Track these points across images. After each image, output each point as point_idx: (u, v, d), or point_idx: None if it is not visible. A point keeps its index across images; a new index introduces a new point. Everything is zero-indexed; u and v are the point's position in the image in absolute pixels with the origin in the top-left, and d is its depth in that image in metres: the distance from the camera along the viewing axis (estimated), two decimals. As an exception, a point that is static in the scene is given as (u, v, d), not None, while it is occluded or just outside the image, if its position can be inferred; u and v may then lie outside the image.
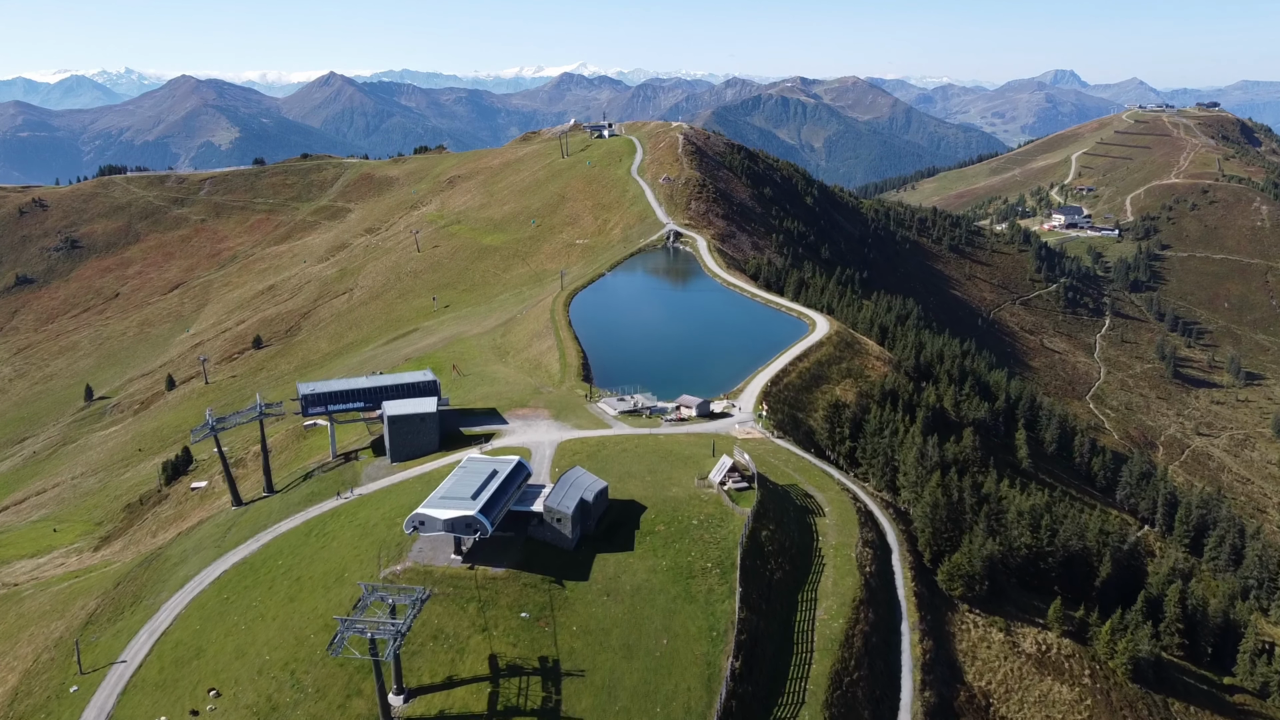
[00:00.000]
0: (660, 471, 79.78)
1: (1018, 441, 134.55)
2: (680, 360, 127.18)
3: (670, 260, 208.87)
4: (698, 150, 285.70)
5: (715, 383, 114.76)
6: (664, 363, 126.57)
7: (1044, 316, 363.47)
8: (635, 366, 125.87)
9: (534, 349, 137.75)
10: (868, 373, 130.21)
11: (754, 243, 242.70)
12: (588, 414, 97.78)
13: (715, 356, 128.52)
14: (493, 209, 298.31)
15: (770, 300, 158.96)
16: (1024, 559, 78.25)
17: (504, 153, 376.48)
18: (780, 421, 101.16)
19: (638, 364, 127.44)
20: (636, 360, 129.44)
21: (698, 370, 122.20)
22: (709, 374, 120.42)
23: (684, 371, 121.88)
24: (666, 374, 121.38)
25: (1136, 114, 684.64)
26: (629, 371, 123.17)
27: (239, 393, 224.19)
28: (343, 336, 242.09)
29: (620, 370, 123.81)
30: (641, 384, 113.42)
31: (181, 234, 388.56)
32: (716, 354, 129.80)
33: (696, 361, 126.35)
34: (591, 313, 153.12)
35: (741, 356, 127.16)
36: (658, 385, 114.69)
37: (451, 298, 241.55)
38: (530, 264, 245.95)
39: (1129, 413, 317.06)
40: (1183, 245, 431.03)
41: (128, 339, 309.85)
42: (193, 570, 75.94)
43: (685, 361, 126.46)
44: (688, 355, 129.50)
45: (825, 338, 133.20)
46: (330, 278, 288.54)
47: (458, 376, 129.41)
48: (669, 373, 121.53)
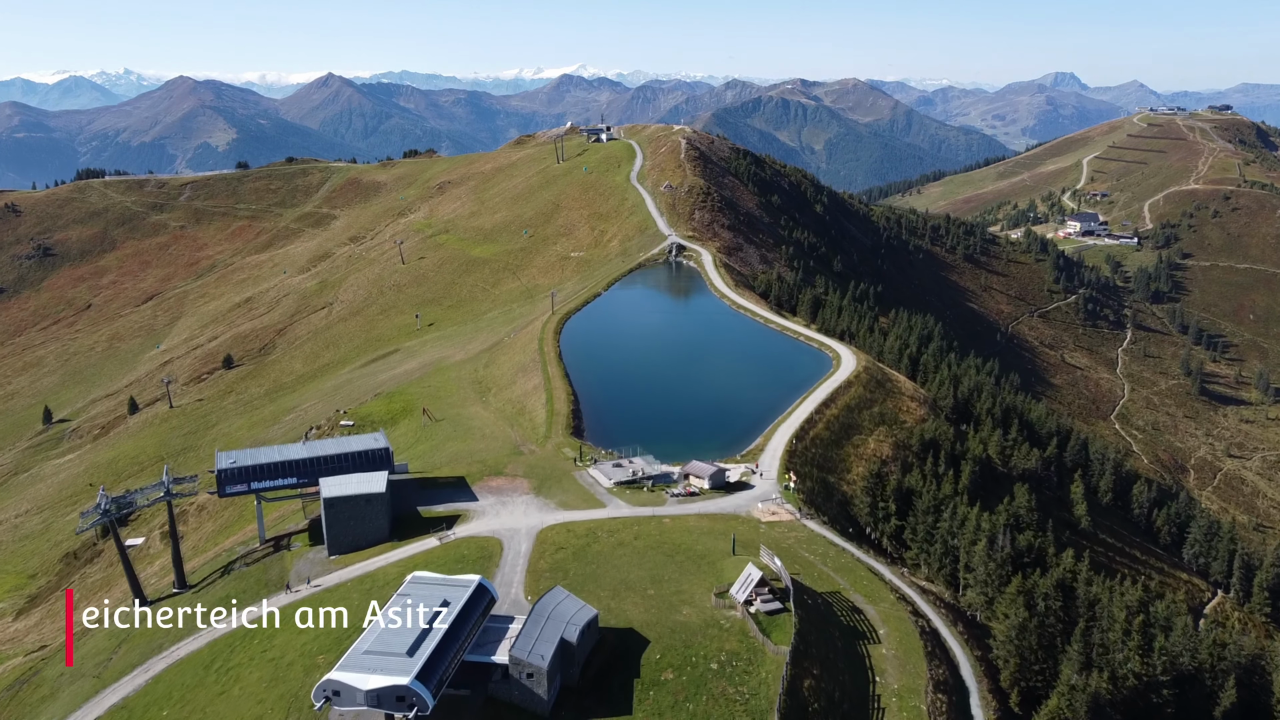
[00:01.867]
0: (667, 579, 62.09)
1: (1074, 495, 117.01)
2: (687, 405, 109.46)
3: (673, 277, 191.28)
4: (701, 155, 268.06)
5: (729, 436, 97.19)
6: (667, 408, 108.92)
7: (1063, 330, 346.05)
8: (634, 412, 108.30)
9: (518, 387, 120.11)
10: (903, 417, 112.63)
11: (762, 255, 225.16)
12: (576, 485, 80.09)
13: (728, 400, 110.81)
14: (483, 217, 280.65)
15: (786, 328, 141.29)
16: (1132, 690, 60.94)
17: (497, 157, 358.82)
18: (810, 492, 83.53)
19: (637, 408, 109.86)
20: (635, 404, 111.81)
21: (707, 418, 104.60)
22: (721, 423, 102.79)
23: (691, 420, 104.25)
24: (671, 423, 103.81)
25: (1149, 117, 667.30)
26: (626, 419, 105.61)
27: (204, 419, 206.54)
28: (319, 356, 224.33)
29: (616, 417, 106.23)
30: (641, 437, 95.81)
31: (159, 241, 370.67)
32: (729, 397, 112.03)
33: (706, 407, 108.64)
34: (585, 342, 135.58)
35: (758, 400, 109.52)
36: (661, 437, 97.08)
37: (436, 315, 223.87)
38: (521, 278, 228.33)
39: (1156, 433, 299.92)
40: (1205, 254, 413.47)
41: (95, 355, 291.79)
42: (58, 714, 58.29)
43: (692, 407, 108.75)
44: (695, 399, 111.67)
45: (853, 376, 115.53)
46: (310, 291, 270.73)
47: (428, 423, 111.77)
48: (674, 422, 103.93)
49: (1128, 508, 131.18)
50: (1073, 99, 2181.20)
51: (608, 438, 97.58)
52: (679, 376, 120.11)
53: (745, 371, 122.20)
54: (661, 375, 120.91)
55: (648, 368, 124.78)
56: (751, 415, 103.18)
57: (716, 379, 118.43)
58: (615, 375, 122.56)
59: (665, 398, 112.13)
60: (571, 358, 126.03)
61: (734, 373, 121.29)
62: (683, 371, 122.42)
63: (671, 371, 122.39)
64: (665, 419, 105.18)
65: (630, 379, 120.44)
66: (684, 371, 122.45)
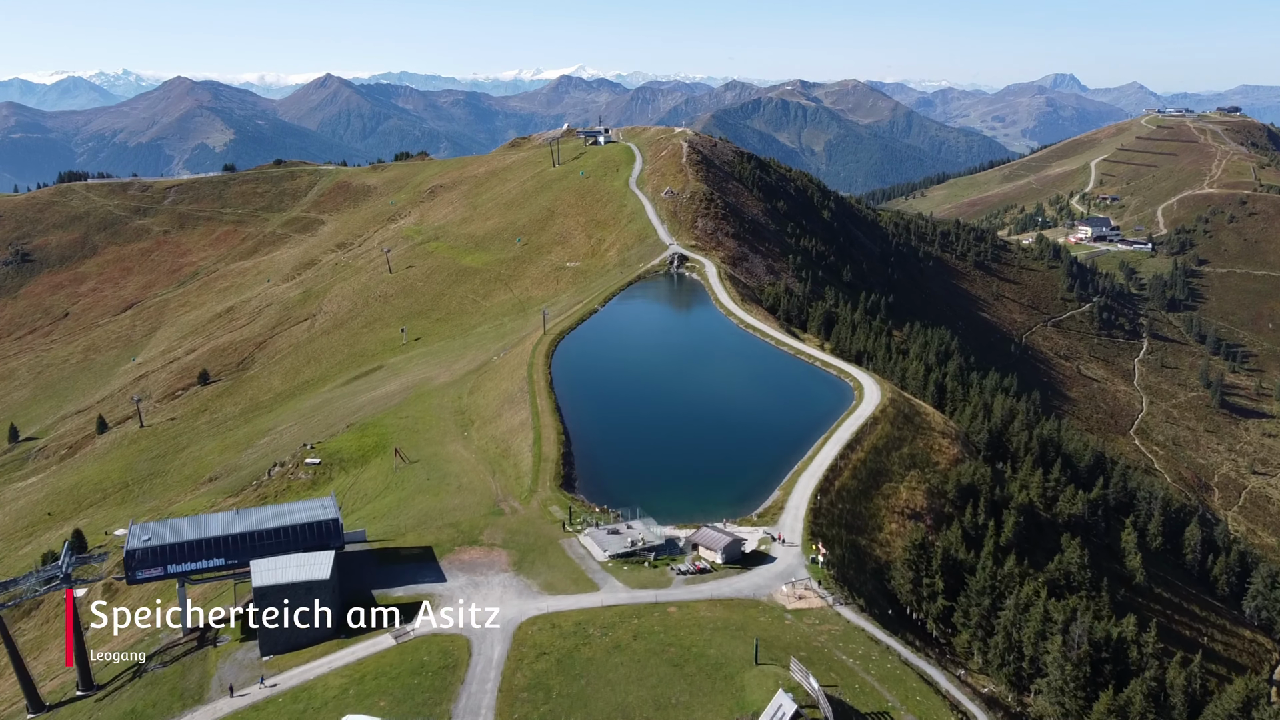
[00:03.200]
0: (675, 703, 49.38)
1: (1125, 545, 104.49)
2: (692, 446, 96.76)
3: (675, 290, 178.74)
4: (704, 159, 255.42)
5: (742, 487, 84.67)
6: (670, 450, 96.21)
7: (1078, 340, 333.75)
8: (632, 455, 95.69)
9: (504, 421, 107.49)
10: (935, 458, 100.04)
11: (769, 266, 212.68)
12: (564, 559, 67.39)
13: (739, 440, 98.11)
14: (475, 224, 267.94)
15: (801, 351, 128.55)
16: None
17: (490, 160, 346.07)
18: (840, 561, 70.93)
19: (635, 450, 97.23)
20: (634, 444, 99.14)
21: (716, 463, 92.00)
22: (732, 469, 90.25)
23: (697, 466, 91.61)
24: (674, 469, 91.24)
25: (1157, 119, 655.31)
26: (623, 463, 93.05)
27: (175, 441, 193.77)
28: (299, 372, 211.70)
29: (612, 460, 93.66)
30: (640, 487, 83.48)
31: (142, 247, 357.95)
32: (741, 436, 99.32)
33: (714, 448, 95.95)
34: (578, 367, 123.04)
35: (774, 440, 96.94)
36: (663, 488, 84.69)
37: (423, 329, 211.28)
38: (514, 290, 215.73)
39: (1177, 449, 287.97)
40: (1221, 261, 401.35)
41: (69, 367, 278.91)
42: None
43: (699, 449, 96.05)
44: (702, 438, 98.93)
45: (879, 411, 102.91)
46: (293, 301, 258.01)
47: (401, 465, 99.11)
48: (678, 468, 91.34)
49: (1179, 552, 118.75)
50: (1073, 100, 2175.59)
51: (602, 488, 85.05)
52: (683, 410, 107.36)
53: (758, 404, 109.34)
54: (663, 409, 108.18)
55: (648, 399, 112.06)
56: (767, 459, 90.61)
57: (726, 414, 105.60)
58: (611, 407, 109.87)
59: (668, 437, 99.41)
60: (563, 386, 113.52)
61: (745, 406, 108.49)
62: (687, 404, 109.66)
63: (675, 404, 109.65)
64: (668, 463, 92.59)
65: (628, 412, 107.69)
66: (689, 404, 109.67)
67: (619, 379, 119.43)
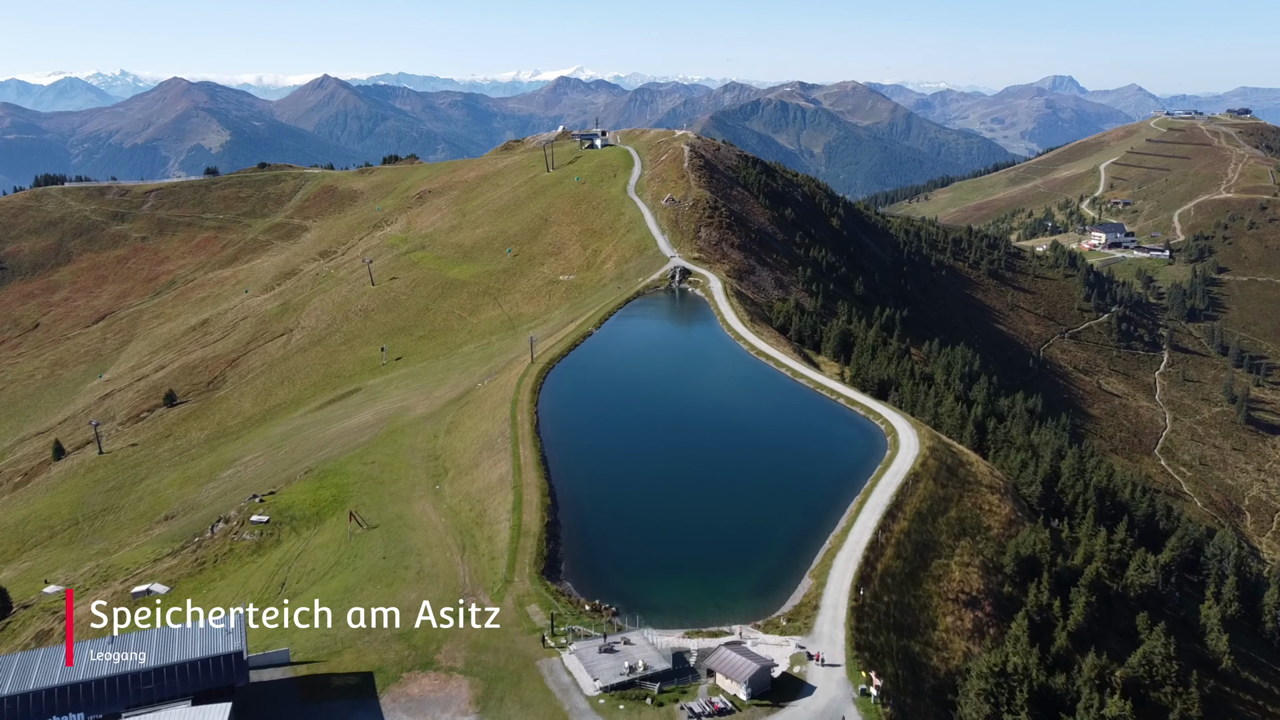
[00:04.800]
0: None
1: (1206, 621, 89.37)
2: (701, 512, 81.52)
3: (677, 308, 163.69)
4: (707, 164, 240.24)
5: (764, 570, 69.65)
6: (675, 516, 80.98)
7: (1096, 352, 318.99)
8: (629, 528, 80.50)
9: (481, 474, 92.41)
10: (985, 519, 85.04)
11: (777, 279, 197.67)
12: (544, 692, 52.32)
13: (757, 503, 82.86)
14: (464, 232, 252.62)
15: (821, 385, 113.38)
16: None
17: (482, 164, 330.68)
18: (895, 687, 55.80)
19: (633, 517, 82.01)
20: (631, 508, 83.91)
21: (731, 536, 76.84)
22: (751, 545, 75.09)
23: (708, 541, 76.39)
24: (681, 545, 76.04)
25: (1167, 121, 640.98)
26: (619, 539, 77.97)
27: (133, 471, 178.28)
28: (271, 394, 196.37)
29: (605, 535, 78.55)
30: (639, 573, 68.57)
31: (118, 254, 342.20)
32: (758, 498, 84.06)
33: (728, 514, 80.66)
34: (569, 404, 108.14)
35: (799, 502, 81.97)
36: (668, 572, 69.80)
37: (405, 347, 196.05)
38: (503, 305, 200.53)
39: (1205, 469, 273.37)
40: (1241, 268, 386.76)
41: (35, 383, 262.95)
42: None
43: (709, 515, 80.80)
44: (712, 500, 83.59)
45: (920, 464, 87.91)
46: (270, 314, 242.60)
47: (356, 532, 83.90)
48: (684, 544, 76.15)
49: (1256, 619, 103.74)
50: (1071, 102, 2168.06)
51: (593, 572, 69.98)
52: (690, 463, 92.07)
53: (777, 456, 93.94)
54: (667, 462, 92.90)
55: (648, 449, 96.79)
56: (793, 530, 75.62)
57: (741, 469, 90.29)
58: (605, 459, 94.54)
59: (672, 499, 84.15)
60: (551, 429, 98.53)
61: (763, 458, 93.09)
62: (694, 454, 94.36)
63: (680, 455, 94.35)
64: (673, 535, 77.43)
65: (625, 466, 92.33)
66: (696, 454, 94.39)
67: (614, 422, 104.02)
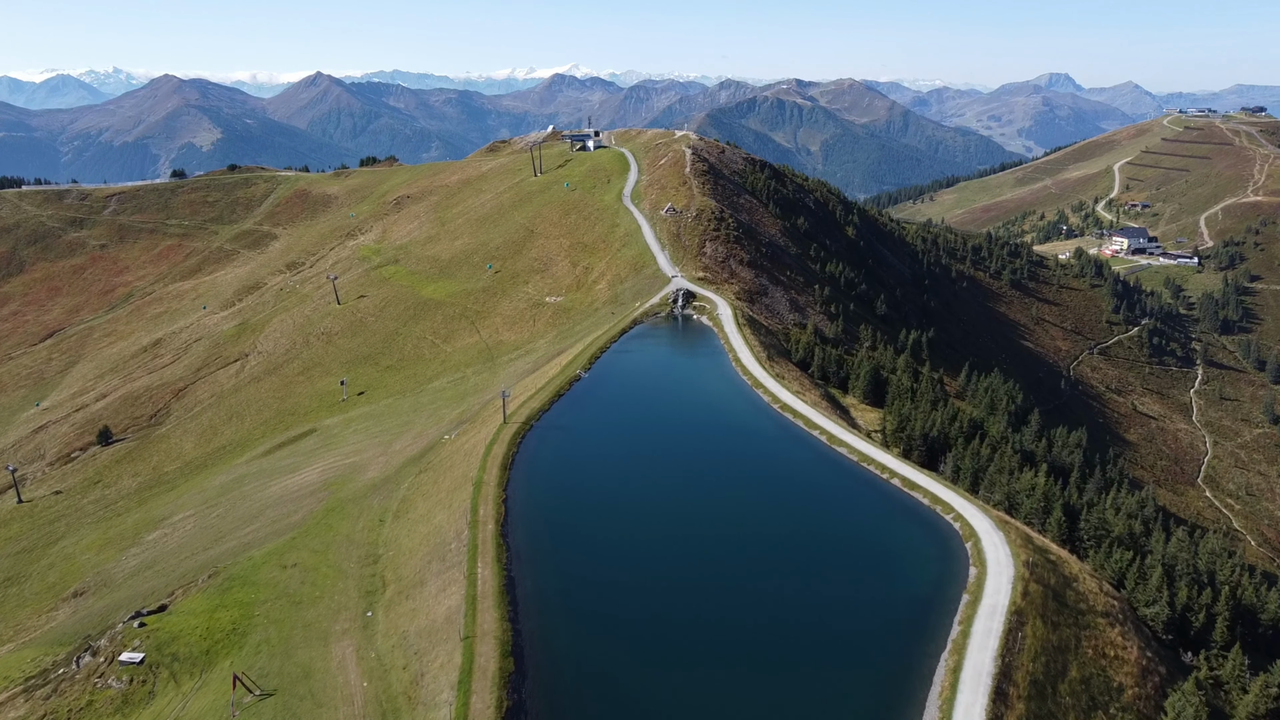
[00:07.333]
0: None
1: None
2: (722, 680, 57.63)
3: (679, 341, 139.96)
4: (710, 169, 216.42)
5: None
6: (688, 687, 57.04)
7: (1128, 369, 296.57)
8: (622, 699, 56.56)
9: (426, 601, 68.76)
10: (1114, 676, 61.68)
11: (791, 300, 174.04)
12: None
13: (800, 671, 58.93)
14: (441, 243, 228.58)
15: (866, 458, 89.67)
16: None
17: (465, 167, 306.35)
18: None
19: (627, 684, 58.05)
20: (625, 669, 59.86)
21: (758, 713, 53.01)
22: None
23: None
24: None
25: (1182, 119, 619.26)
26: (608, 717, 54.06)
27: (50, 528, 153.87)
28: (216, 433, 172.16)
29: (588, 713, 54.65)
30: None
31: (75, 263, 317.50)
32: (806, 662, 60.05)
33: (759, 687, 56.85)
34: (546, 486, 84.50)
35: (862, 672, 58.18)
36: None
37: (369, 379, 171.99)
38: (482, 330, 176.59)
39: (1253, 500, 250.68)
40: (1275, 277, 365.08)
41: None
42: None
43: (733, 684, 56.91)
44: (737, 658, 59.65)
45: (1019, 595, 64.33)
46: (225, 335, 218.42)
47: (243, 702, 59.98)
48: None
49: None
50: (1068, 100, 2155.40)
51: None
52: (703, 590, 67.95)
53: (826, 583, 69.46)
54: (671, 585, 68.78)
55: (643, 558, 72.68)
56: (847, 703, 51.86)
57: (778, 609, 65.87)
58: (591, 576, 70.24)
59: (678, 649, 60.25)
60: (522, 533, 74.95)
61: (806, 590, 68.44)
62: (707, 574, 70.22)
63: (688, 574, 70.27)
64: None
65: (616, 601, 67.86)
66: (709, 574, 70.23)
67: (604, 520, 79.59)
